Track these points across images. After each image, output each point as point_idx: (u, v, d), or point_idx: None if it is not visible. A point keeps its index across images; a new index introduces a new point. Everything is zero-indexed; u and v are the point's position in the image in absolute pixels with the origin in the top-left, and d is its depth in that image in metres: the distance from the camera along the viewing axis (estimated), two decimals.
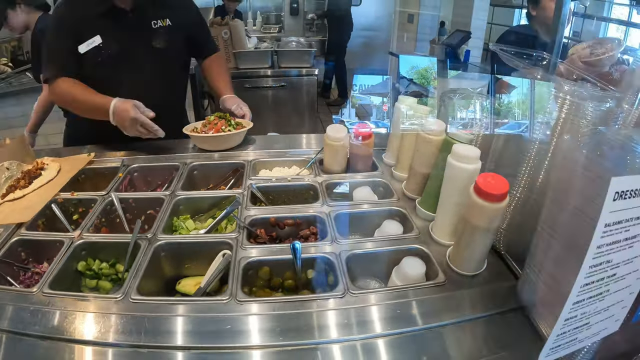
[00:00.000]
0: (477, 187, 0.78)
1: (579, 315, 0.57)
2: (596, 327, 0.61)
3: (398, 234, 1.00)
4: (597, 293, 0.57)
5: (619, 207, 0.50)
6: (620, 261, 0.56)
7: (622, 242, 0.54)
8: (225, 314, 0.74)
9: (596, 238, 0.51)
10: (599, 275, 0.54)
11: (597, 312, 0.59)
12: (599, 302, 0.58)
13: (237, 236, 0.94)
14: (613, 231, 0.52)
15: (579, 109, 0.88)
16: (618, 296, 0.60)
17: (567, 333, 0.58)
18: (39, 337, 0.72)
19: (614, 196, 0.48)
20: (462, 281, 0.84)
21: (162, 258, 0.94)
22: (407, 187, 1.15)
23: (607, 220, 0.50)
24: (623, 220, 0.52)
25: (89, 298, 0.81)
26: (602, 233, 0.50)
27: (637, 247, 0.56)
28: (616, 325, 0.63)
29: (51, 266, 0.89)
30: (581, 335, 0.60)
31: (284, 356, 0.68)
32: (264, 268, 0.88)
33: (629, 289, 0.60)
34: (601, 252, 0.52)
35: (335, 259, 0.87)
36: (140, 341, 0.70)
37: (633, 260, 0.57)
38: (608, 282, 0.57)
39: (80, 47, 1.33)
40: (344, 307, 0.76)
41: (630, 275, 0.59)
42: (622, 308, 0.62)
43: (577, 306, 0.55)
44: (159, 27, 1.42)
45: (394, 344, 0.70)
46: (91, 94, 1.32)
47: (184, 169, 1.24)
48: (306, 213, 1.04)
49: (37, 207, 1.07)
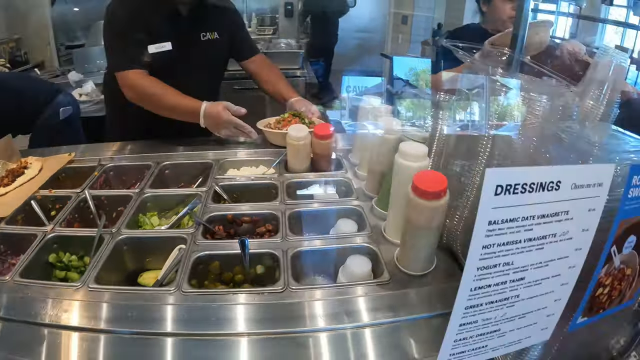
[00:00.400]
0: (413, 185, 0.80)
1: (480, 321, 0.53)
2: (513, 335, 0.58)
3: (352, 232, 1.05)
4: (502, 298, 0.53)
5: (509, 203, 0.46)
6: (527, 264, 0.52)
7: (525, 243, 0.50)
8: (168, 304, 0.81)
9: (479, 237, 0.46)
10: (496, 278, 0.51)
11: (508, 319, 0.56)
12: (508, 308, 0.55)
13: (193, 232, 1.01)
14: (504, 230, 0.47)
15: (525, 104, 0.90)
16: (536, 303, 0.56)
17: (469, 340, 0.54)
18: (6, 319, 0.80)
19: (495, 190, 0.44)
20: (408, 281, 0.87)
21: (124, 252, 1.01)
22: (367, 186, 1.20)
23: (492, 217, 0.46)
24: (519, 218, 0.47)
25: (52, 286, 0.88)
26: (487, 232, 0.46)
27: (551, 249, 0.52)
28: (545, 334, 0.60)
29: (23, 257, 0.96)
30: (493, 342, 0.57)
31: (210, 345, 0.74)
32: (214, 262, 0.95)
33: (552, 295, 0.56)
34: (491, 252, 0.48)
35: (282, 255, 0.93)
36: (91, 325, 0.77)
37: (549, 264, 0.53)
38: (515, 286, 0.53)
39: (150, 46, 1.40)
40: (281, 302, 0.82)
41: (548, 281, 0.55)
42: (547, 316, 0.58)
43: (473, 311, 0.52)
44: (207, 39, 1.50)
45: (324, 341, 0.74)
46: (176, 94, 1.40)
47: (156, 168, 1.31)
48: (263, 210, 1.10)
49: (16, 204, 1.15)
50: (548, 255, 0.52)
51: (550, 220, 0.49)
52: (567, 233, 0.51)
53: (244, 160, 1.38)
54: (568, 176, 0.47)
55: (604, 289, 0.60)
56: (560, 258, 0.53)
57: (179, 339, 0.75)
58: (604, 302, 0.61)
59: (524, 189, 0.45)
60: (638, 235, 0.60)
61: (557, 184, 0.47)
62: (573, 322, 0.60)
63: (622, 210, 0.55)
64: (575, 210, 0.50)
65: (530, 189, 0.46)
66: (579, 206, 0.50)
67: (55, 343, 0.75)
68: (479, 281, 0.50)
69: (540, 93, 0.88)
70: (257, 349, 0.73)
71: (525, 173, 0.45)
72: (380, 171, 1.12)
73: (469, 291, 0.50)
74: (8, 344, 0.75)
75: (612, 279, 0.60)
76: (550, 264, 0.53)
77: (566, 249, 0.53)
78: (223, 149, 1.45)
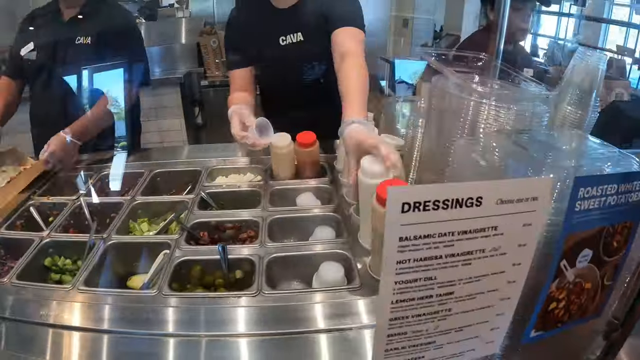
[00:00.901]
0: (377, 195, 0.82)
1: (409, 332, 0.53)
2: (452, 347, 0.57)
3: (328, 239, 1.09)
4: (431, 311, 0.52)
5: (420, 220, 0.45)
6: (454, 279, 0.51)
7: (447, 258, 0.49)
8: (148, 305, 0.87)
9: (391, 252, 0.46)
10: (419, 292, 0.50)
11: (443, 332, 0.55)
12: (440, 321, 0.54)
13: (177, 238, 1.06)
14: (420, 246, 0.46)
15: (491, 112, 0.90)
16: (474, 317, 0.55)
17: (401, 350, 0.54)
18: (2, 318, 0.87)
19: (402, 207, 0.44)
20: (378, 287, 0.92)
21: (113, 256, 1.07)
22: (348, 193, 1.24)
23: (402, 234, 0.45)
24: (435, 234, 0.46)
25: (46, 288, 0.95)
26: (400, 247, 0.46)
27: (482, 265, 0.51)
28: (491, 347, 0.59)
29: (20, 260, 1.04)
30: (430, 354, 0.56)
31: (186, 345, 0.80)
32: (196, 267, 1.00)
33: (492, 310, 0.55)
34: (408, 267, 0.48)
35: (258, 260, 0.98)
36: (77, 324, 0.84)
37: (480, 279, 0.52)
38: (444, 300, 0.52)
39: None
40: (254, 306, 0.86)
41: (484, 296, 0.53)
42: (491, 330, 0.57)
43: (400, 322, 0.52)
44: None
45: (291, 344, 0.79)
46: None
47: (148, 176, 1.38)
48: (245, 217, 1.15)
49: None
50: (478, 270, 0.51)
51: (475, 236, 0.48)
52: (499, 248, 0.51)
53: (233, 167, 1.43)
54: (490, 192, 0.47)
55: (559, 303, 0.60)
56: (494, 273, 0.52)
57: (158, 340, 0.80)
58: (561, 316, 0.61)
59: (436, 206, 0.44)
60: (594, 248, 0.59)
61: (477, 200, 0.46)
62: (526, 336, 0.60)
63: (568, 225, 0.54)
64: (506, 225, 0.49)
65: (444, 206, 0.45)
66: (510, 221, 0.49)
67: (47, 341, 0.82)
68: (400, 294, 0.49)
69: (513, 100, 0.90)
70: (232, 349, 0.78)
71: (434, 190, 0.44)
72: None
73: (390, 303, 0.50)
74: (5, 341, 0.82)
75: (568, 293, 0.59)
76: (483, 279, 0.51)
77: (501, 264, 0.52)
78: (213, 157, 1.51)
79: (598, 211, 0.56)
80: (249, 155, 1.50)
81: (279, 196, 1.27)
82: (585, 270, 0.61)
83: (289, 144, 1.28)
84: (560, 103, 1.02)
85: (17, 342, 0.82)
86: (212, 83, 3.07)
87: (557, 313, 0.62)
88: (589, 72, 0.98)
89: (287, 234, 1.16)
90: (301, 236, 1.15)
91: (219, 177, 1.40)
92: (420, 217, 0.45)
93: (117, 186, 1.40)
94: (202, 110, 3.17)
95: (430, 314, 0.53)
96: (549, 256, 0.59)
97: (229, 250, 1.00)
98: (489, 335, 0.58)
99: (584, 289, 0.63)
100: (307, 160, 1.32)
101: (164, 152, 1.56)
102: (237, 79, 1.51)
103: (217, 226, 1.14)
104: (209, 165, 1.44)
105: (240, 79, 1.51)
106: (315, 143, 1.30)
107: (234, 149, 1.57)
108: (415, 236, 0.46)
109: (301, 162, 1.33)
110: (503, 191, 0.48)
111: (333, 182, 1.31)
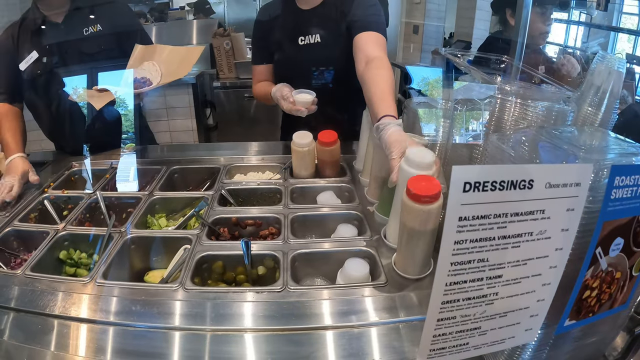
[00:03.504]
0: (407, 189, 0.81)
1: (458, 317, 0.53)
2: (495, 334, 0.57)
3: (352, 236, 1.07)
4: (480, 295, 0.53)
5: (479, 200, 0.46)
6: (503, 262, 0.52)
7: (499, 240, 0.50)
8: (170, 299, 0.84)
9: (450, 232, 0.47)
10: (471, 274, 0.51)
11: (488, 317, 0.55)
12: (487, 305, 0.54)
13: (198, 233, 1.04)
14: (476, 226, 0.47)
15: (516, 109, 0.90)
16: (517, 302, 0.56)
17: (448, 336, 0.55)
18: (17, 309, 0.84)
19: (463, 187, 0.45)
20: (404, 284, 0.88)
21: (131, 250, 1.04)
22: (369, 192, 1.22)
23: (462, 214, 0.46)
24: (490, 215, 0.47)
25: (61, 280, 0.92)
26: (458, 227, 0.46)
27: (529, 248, 0.51)
28: (529, 335, 0.60)
29: (35, 253, 1.01)
30: (474, 340, 0.57)
31: (208, 339, 0.76)
32: (218, 262, 0.97)
33: (534, 295, 0.55)
34: (464, 248, 0.48)
35: (282, 257, 0.95)
36: (96, 317, 0.81)
37: (527, 262, 0.53)
38: (493, 284, 0.53)
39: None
40: (279, 301, 0.84)
41: (528, 280, 0.54)
42: (531, 317, 0.57)
43: (450, 306, 0.52)
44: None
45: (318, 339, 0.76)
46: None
47: (166, 172, 1.35)
48: (266, 214, 1.12)
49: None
50: (526, 253, 0.52)
51: (525, 218, 0.49)
52: (544, 232, 0.51)
53: (251, 165, 1.41)
54: (541, 175, 0.48)
55: (592, 291, 0.59)
56: (539, 257, 0.53)
57: (179, 333, 0.77)
58: (593, 305, 0.61)
59: (494, 187, 0.46)
60: (625, 238, 0.59)
61: (529, 183, 0.47)
62: (560, 325, 0.60)
63: (604, 212, 0.55)
64: (552, 209, 0.50)
65: (500, 187, 0.46)
66: (556, 206, 0.50)
67: (63, 333, 0.79)
68: (454, 276, 0.50)
69: (536, 99, 0.89)
70: (254, 345, 0.75)
71: (494, 171, 0.46)
72: (382, 177, 1.13)
73: (444, 286, 0.50)
74: (17, 333, 0.79)
75: (601, 282, 0.60)
76: (529, 263, 0.52)
77: (545, 249, 0.53)
78: (231, 154, 1.49)
79: (631, 200, 0.57)
80: (266, 154, 1.48)
81: (299, 194, 1.25)
82: (616, 259, 0.61)
83: (310, 141, 1.26)
84: (581, 104, 1.02)
85: (33, 335, 0.79)
86: (224, 85, 3.06)
87: (590, 302, 0.62)
88: (609, 75, 0.98)
89: (308, 231, 1.13)
90: (322, 234, 1.13)
91: (237, 175, 1.38)
92: (478, 197, 0.46)
93: (134, 182, 1.37)
94: (213, 111, 3.16)
95: (479, 298, 0.53)
96: (580, 245, 0.58)
97: (251, 246, 0.97)
98: (528, 322, 0.58)
99: (615, 278, 0.62)
100: (328, 159, 1.30)
101: (181, 149, 1.54)
102: (260, 74, 1.57)
103: (238, 222, 1.11)
104: (227, 162, 1.41)
105: (262, 74, 1.57)
106: (337, 142, 1.28)
107: (251, 148, 1.55)
108: (474, 216, 0.47)
109: (322, 160, 1.31)
110: (551, 175, 0.49)
111: (353, 181, 1.29)
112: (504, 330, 0.57)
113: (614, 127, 1.00)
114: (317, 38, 1.44)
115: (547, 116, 0.88)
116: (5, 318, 0.82)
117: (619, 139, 0.77)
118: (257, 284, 0.98)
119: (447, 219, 0.46)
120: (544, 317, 0.57)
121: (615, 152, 0.62)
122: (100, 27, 1.48)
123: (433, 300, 0.52)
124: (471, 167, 0.46)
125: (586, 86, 1.01)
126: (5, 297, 0.87)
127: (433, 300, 0.52)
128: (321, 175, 1.33)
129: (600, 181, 0.53)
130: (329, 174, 1.32)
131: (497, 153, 0.82)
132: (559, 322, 0.59)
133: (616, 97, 1.00)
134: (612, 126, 1.00)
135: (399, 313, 0.80)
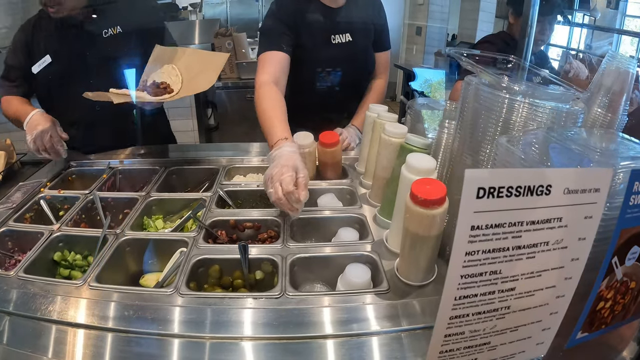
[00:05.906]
0: (411, 193, 0.78)
1: (467, 332, 0.51)
2: (505, 349, 0.55)
3: (353, 240, 1.04)
4: (491, 309, 0.50)
5: (493, 207, 0.43)
6: (517, 274, 0.49)
7: (513, 251, 0.47)
8: (164, 304, 0.81)
9: (461, 243, 0.43)
10: (482, 288, 0.48)
11: (498, 332, 0.53)
12: (498, 320, 0.52)
13: (195, 235, 1.01)
14: (489, 236, 0.44)
15: (524, 110, 0.88)
16: (530, 316, 0.53)
17: (455, 352, 0.52)
18: (8, 313, 0.81)
19: (477, 193, 0.41)
20: (407, 291, 0.85)
21: (126, 252, 1.02)
22: (371, 195, 1.19)
23: (474, 222, 0.42)
24: (505, 224, 0.44)
25: (54, 283, 0.90)
26: (470, 237, 0.43)
27: (544, 258, 0.49)
28: (541, 349, 0.57)
29: (29, 254, 0.98)
30: (483, 356, 0.54)
31: (202, 347, 0.74)
32: (214, 266, 0.95)
33: (547, 308, 0.53)
34: (475, 260, 0.45)
35: (281, 261, 0.92)
36: (87, 322, 0.79)
37: (542, 274, 0.50)
38: (504, 297, 0.50)
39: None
40: (277, 307, 0.81)
41: (542, 293, 0.51)
42: (543, 330, 0.55)
43: (459, 322, 0.49)
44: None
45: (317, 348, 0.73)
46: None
47: (163, 173, 1.33)
48: (265, 217, 1.10)
49: None
50: (541, 264, 0.49)
51: (542, 227, 0.46)
52: (561, 242, 0.48)
53: (251, 167, 1.39)
54: (559, 180, 0.44)
55: (606, 302, 0.57)
56: (554, 268, 0.50)
57: (172, 340, 0.75)
58: (606, 317, 0.58)
59: (510, 193, 0.42)
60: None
61: (547, 188, 0.44)
62: (572, 338, 0.57)
63: (622, 219, 0.52)
64: (570, 217, 0.47)
65: (517, 193, 0.43)
66: (573, 213, 0.47)
67: (55, 338, 0.76)
68: (464, 290, 0.47)
69: (545, 100, 0.86)
70: (251, 354, 0.73)
71: (510, 175, 0.42)
72: (385, 178, 1.10)
73: (453, 300, 0.47)
74: (9, 336, 0.77)
75: (615, 293, 0.57)
76: (543, 275, 0.49)
77: (561, 259, 0.50)
78: (231, 155, 1.46)
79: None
80: (265, 155, 1.45)
81: None
82: (632, 269, 0.58)
83: (311, 143, 1.23)
84: (590, 106, 0.99)
85: (24, 339, 0.76)
86: (225, 85, 3.03)
87: (604, 314, 0.59)
88: (619, 75, 0.96)
89: (308, 234, 1.10)
90: (323, 237, 1.10)
91: (236, 176, 1.35)
92: (493, 204, 0.43)
93: (131, 182, 1.35)
94: (215, 111, 3.14)
95: (490, 312, 0.50)
96: (596, 254, 0.55)
97: (249, 250, 0.94)
98: (540, 336, 0.56)
99: (629, 288, 0.60)
100: (329, 160, 1.27)
101: (179, 150, 1.52)
102: (277, 62, 1.39)
103: (236, 225, 1.08)
104: (226, 163, 1.39)
105: (279, 62, 1.39)
106: (339, 143, 1.25)
107: (251, 149, 1.52)
108: (487, 225, 0.44)
109: (323, 162, 1.28)
110: (570, 180, 0.46)
111: (355, 184, 1.26)
112: (515, 344, 0.54)
113: (624, 129, 0.98)
114: (348, 37, 1.51)
115: (557, 117, 0.84)
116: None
117: (631, 142, 0.74)
118: (254, 289, 0.95)
119: (458, 228, 0.43)
120: (556, 330, 0.55)
121: (630, 156, 0.60)
122: (120, 29, 1.42)
123: (440, 314, 0.48)
124: (485, 170, 0.44)
125: (595, 87, 0.99)
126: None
127: (440, 315, 0.48)
128: (322, 177, 1.30)
129: (615, 186, 0.50)
130: (330, 176, 1.30)
131: (507, 156, 0.79)
132: (571, 334, 0.56)
133: (626, 99, 0.98)
134: (622, 128, 0.97)
135: (401, 322, 0.77)
